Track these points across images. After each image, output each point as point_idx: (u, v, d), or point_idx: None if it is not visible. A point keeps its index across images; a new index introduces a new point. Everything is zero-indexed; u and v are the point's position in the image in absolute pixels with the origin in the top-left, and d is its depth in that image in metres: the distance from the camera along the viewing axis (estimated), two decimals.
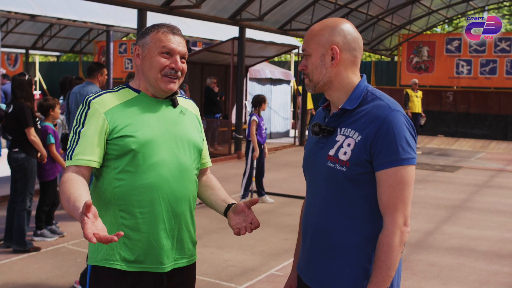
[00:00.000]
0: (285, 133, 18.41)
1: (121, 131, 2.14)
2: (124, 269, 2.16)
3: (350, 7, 14.94)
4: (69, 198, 1.97)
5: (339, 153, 2.01)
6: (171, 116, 2.29)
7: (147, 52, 2.23)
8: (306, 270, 2.16)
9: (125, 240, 2.15)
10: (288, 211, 7.82)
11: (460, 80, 18.85)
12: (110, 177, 2.16)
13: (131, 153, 2.14)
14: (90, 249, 2.24)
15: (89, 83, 6.98)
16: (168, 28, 2.25)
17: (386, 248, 1.93)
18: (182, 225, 2.26)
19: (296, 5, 13.55)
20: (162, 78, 2.21)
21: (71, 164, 2.12)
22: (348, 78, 2.08)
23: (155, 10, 9.93)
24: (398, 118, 1.96)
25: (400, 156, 1.93)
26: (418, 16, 18.10)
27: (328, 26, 2.07)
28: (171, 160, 2.20)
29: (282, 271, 5.32)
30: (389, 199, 1.95)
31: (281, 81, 17.68)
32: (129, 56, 23.77)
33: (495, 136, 18.37)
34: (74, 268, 5.21)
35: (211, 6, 11.33)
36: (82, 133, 2.13)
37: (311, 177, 2.18)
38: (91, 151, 2.12)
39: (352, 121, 2.03)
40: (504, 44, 18.04)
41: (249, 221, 2.26)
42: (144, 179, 2.15)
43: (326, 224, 2.07)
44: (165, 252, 2.20)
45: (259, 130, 8.21)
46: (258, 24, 13.10)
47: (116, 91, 2.26)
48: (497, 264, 5.70)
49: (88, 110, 2.16)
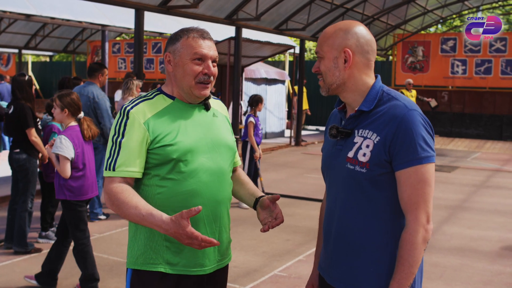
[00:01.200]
0: (280, 133, 18.41)
1: (162, 141, 2.17)
2: (168, 271, 2.21)
3: (346, 7, 14.95)
4: (137, 206, 2.07)
5: (358, 154, 2.03)
6: (206, 120, 2.32)
7: (178, 59, 2.24)
8: (330, 271, 2.18)
9: (168, 244, 2.20)
10: (288, 212, 7.80)
11: (455, 80, 18.91)
12: (151, 183, 2.21)
13: (172, 162, 2.17)
14: (129, 252, 2.29)
15: (89, 83, 6.96)
16: (198, 33, 2.26)
17: (409, 246, 1.96)
18: (221, 227, 2.32)
19: (292, 5, 13.54)
20: (196, 85, 2.23)
21: (115, 176, 2.15)
22: (362, 80, 2.10)
23: (152, 10, 9.90)
24: (415, 117, 1.98)
25: (419, 155, 1.96)
26: (414, 16, 18.14)
27: (341, 29, 2.10)
28: (210, 165, 2.25)
29: (286, 272, 5.30)
30: (410, 198, 1.98)
31: (276, 81, 17.68)
32: (123, 56, 23.68)
33: (490, 136, 18.44)
34: (77, 270, 5.15)
35: (208, 6, 11.30)
36: (123, 144, 2.15)
37: (331, 179, 2.21)
38: (133, 162, 2.15)
39: (369, 122, 2.06)
40: (499, 44, 18.10)
41: (274, 216, 2.34)
42: (185, 186, 2.19)
43: (349, 225, 2.10)
44: (207, 255, 2.26)
45: (256, 130, 8.21)
46: (254, 24, 13.08)
47: (151, 98, 2.28)
48: (499, 265, 5.71)
49: (128, 120, 2.17)
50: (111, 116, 6.96)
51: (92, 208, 6.92)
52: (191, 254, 2.21)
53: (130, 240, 2.30)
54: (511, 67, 18.02)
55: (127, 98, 7.82)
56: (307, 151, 14.84)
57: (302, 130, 16.96)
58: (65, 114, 4.57)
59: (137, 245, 2.25)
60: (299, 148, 15.57)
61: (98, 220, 6.94)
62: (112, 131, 2.20)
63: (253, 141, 8.01)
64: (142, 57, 9.54)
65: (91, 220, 6.90)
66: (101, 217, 6.98)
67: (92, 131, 4.69)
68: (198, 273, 2.24)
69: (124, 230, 6.59)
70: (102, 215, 7.01)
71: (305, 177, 10.84)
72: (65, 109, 4.55)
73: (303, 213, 7.70)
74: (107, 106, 6.90)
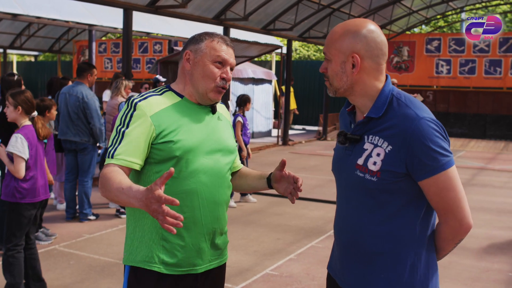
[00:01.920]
0: (267, 132, 18.45)
1: (166, 137, 2.17)
2: (163, 272, 2.21)
3: (333, 7, 15.03)
4: (120, 181, 1.99)
5: (368, 162, 1.99)
6: (211, 122, 2.34)
7: (200, 58, 2.26)
8: (341, 275, 2.18)
9: (164, 243, 2.21)
10: (277, 211, 7.85)
11: (439, 79, 19.08)
12: (151, 180, 2.20)
13: (174, 159, 2.17)
14: (127, 249, 2.28)
15: (78, 83, 6.94)
16: (222, 39, 2.30)
17: (441, 241, 2.06)
18: (218, 228, 2.32)
19: (280, 5, 13.58)
20: (214, 89, 2.27)
21: (112, 162, 2.12)
22: (371, 84, 2.03)
23: (140, 9, 9.88)
24: (427, 126, 1.92)
25: (440, 162, 1.92)
26: (399, 16, 18.27)
27: (350, 31, 2.01)
28: (211, 167, 2.26)
29: (277, 271, 5.34)
30: (438, 205, 1.99)
31: (263, 81, 17.72)
32: (109, 55, 23.56)
33: (474, 135, 18.64)
34: (68, 271, 5.17)
35: (196, 6, 11.30)
36: (127, 133, 2.15)
37: (341, 184, 2.18)
38: (134, 153, 2.14)
39: (379, 129, 2.00)
40: (483, 44, 18.30)
41: (291, 181, 2.31)
42: (185, 185, 2.19)
43: (359, 232, 2.07)
44: (201, 255, 2.27)
45: (244, 130, 8.24)
46: (242, 24, 13.11)
47: (159, 94, 2.28)
48: (487, 261, 5.80)
49: (134, 111, 2.17)
50: (101, 116, 6.95)
51: (82, 209, 6.90)
52: (185, 254, 2.22)
53: (128, 236, 2.30)
54: (494, 67, 18.22)
55: (115, 98, 7.83)
56: (295, 151, 14.90)
57: (289, 129, 17.00)
58: (18, 112, 4.41)
59: (135, 242, 2.25)
60: (286, 148, 15.63)
61: (88, 221, 6.93)
62: (117, 121, 2.20)
63: (240, 140, 8.04)
64: (130, 57, 9.53)
65: (80, 220, 6.89)
66: (90, 217, 6.97)
67: (46, 130, 4.53)
68: (190, 272, 2.25)
69: (115, 230, 6.59)
70: (92, 216, 7.00)
71: None
72: (18, 106, 4.39)
73: (293, 212, 7.74)
74: (97, 106, 6.89)
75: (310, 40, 16.95)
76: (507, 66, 18.06)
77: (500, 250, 6.21)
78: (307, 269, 5.40)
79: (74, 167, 6.98)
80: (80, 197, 6.91)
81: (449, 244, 2.06)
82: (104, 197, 2.17)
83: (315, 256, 5.84)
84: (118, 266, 5.31)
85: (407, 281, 2.02)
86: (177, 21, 16.91)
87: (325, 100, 18.15)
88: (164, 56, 21.70)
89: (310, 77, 22.70)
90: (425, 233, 2.04)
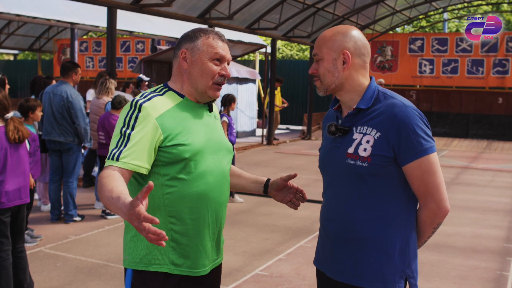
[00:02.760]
0: (252, 132, 18.42)
1: (174, 139, 2.14)
2: (172, 272, 2.19)
3: (317, 7, 15.04)
4: (112, 189, 1.92)
5: (359, 150, 2.12)
6: (210, 122, 2.34)
7: (197, 57, 2.23)
8: (330, 265, 2.26)
9: (174, 244, 2.19)
10: (264, 211, 7.82)
11: (422, 79, 19.21)
12: (159, 183, 2.16)
13: (184, 162, 2.15)
14: (130, 253, 2.22)
15: (63, 82, 6.83)
16: (217, 35, 2.27)
17: (420, 224, 2.21)
18: (221, 228, 2.34)
19: (264, 5, 13.56)
20: (212, 86, 2.24)
21: (116, 165, 2.05)
22: (358, 80, 2.20)
23: (125, 8, 9.78)
24: (413, 113, 2.10)
25: (424, 147, 2.08)
26: (383, 16, 18.35)
27: (339, 32, 2.20)
28: (216, 168, 2.26)
29: (267, 271, 5.31)
30: (419, 189, 2.12)
31: (247, 80, 17.67)
32: (90, 54, 23.38)
33: (457, 134, 18.80)
34: (55, 273, 5.08)
35: (180, 4, 11.22)
36: (132, 135, 2.08)
37: (330, 176, 2.28)
38: (141, 156, 2.08)
39: (367, 119, 2.15)
40: (465, 44, 18.47)
41: (294, 191, 2.43)
42: (195, 187, 2.18)
43: (350, 219, 2.18)
44: (207, 255, 2.26)
45: (230, 130, 8.20)
46: (227, 23, 13.06)
47: (161, 94, 2.25)
48: (474, 260, 5.82)
49: (139, 113, 2.11)
50: (86, 115, 6.85)
51: (67, 210, 6.80)
52: (195, 255, 2.21)
53: (131, 239, 2.23)
54: (476, 66, 18.40)
55: (102, 98, 7.74)
56: (280, 150, 14.89)
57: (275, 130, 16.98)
58: None
59: (141, 245, 2.20)
60: (271, 147, 15.61)
61: (73, 222, 6.83)
62: (120, 123, 2.13)
63: None
64: (115, 56, 9.44)
65: (66, 222, 6.79)
66: (76, 218, 6.87)
67: (21, 133, 4.27)
68: (200, 274, 2.24)
69: (101, 231, 6.50)
70: (77, 217, 6.90)
71: (280, 176, 10.82)
72: None
73: (281, 212, 7.72)
74: (81, 106, 6.79)
75: (294, 39, 16.95)
76: (489, 66, 18.25)
77: (487, 249, 6.25)
78: (297, 269, 5.38)
79: (59, 168, 6.87)
80: (65, 198, 6.80)
81: (428, 229, 2.20)
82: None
83: (304, 256, 5.82)
84: (106, 268, 5.23)
85: (396, 263, 2.14)
86: (160, 20, 16.80)
87: (309, 99, 18.17)
88: (146, 55, 21.58)
89: (294, 77, 22.72)
90: (411, 217, 2.18)
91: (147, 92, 2.23)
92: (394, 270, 2.13)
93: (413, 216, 2.19)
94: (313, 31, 16.50)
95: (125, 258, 2.25)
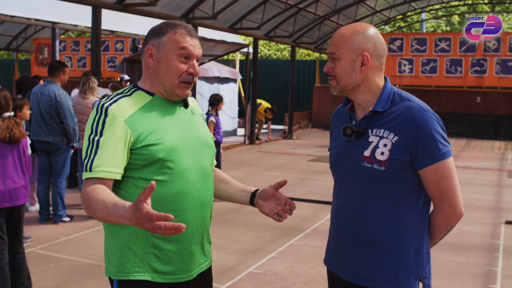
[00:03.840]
0: (233, 131, 18.45)
1: (146, 140, 2.03)
2: (156, 280, 2.08)
3: (299, 7, 15.11)
4: (104, 200, 1.87)
5: (376, 153, 2.10)
6: (186, 118, 2.21)
7: (163, 54, 2.10)
8: (343, 266, 2.24)
9: (156, 251, 2.08)
10: (253, 210, 7.78)
11: (402, 78, 19.42)
12: (136, 186, 2.06)
13: (158, 162, 2.04)
14: (112, 262, 2.11)
15: (50, 82, 6.78)
16: (185, 29, 2.12)
17: (432, 227, 2.20)
18: (205, 229, 2.24)
19: (247, 4, 13.59)
20: (179, 85, 2.12)
21: (91, 176, 1.97)
22: (375, 81, 2.17)
23: (109, 7, 9.72)
24: (431, 117, 2.09)
25: (441, 151, 2.07)
26: (363, 16, 18.52)
27: (358, 32, 2.13)
28: (195, 165, 2.14)
29: (261, 269, 5.34)
30: (434, 192, 2.12)
31: (229, 80, 17.70)
32: (69, 54, 23.14)
33: None
34: (49, 274, 5.04)
35: (164, 4, 11.19)
36: (101, 142, 1.99)
37: (344, 177, 2.25)
38: (113, 162, 1.99)
39: (384, 122, 2.13)
40: (444, 44, 18.73)
41: (282, 203, 2.27)
42: (173, 188, 2.07)
43: (364, 221, 2.16)
44: (192, 259, 2.16)
45: (217, 129, 8.24)
46: (209, 23, 13.05)
47: (129, 94, 2.13)
48: (463, 256, 5.93)
49: (106, 117, 2.01)
50: (74, 115, 6.81)
51: (56, 210, 6.75)
52: (179, 260, 2.11)
53: (110, 246, 2.12)
54: (455, 66, 18.68)
55: (88, 97, 7.69)
56: (262, 150, 14.93)
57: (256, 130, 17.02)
58: None
59: (120, 252, 2.09)
60: (253, 147, 15.64)
61: (63, 222, 6.78)
62: (88, 129, 2.03)
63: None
64: (100, 56, 9.37)
65: (55, 222, 6.74)
66: (65, 219, 6.82)
67: (13, 133, 4.21)
68: (186, 279, 2.14)
69: (91, 231, 6.47)
70: (66, 217, 6.85)
71: (265, 175, 10.91)
72: None
73: None
74: (70, 105, 6.74)
75: (276, 39, 17.01)
76: (467, 66, 18.54)
77: (474, 245, 6.37)
78: (291, 267, 5.42)
79: (47, 168, 6.81)
80: (54, 199, 6.75)
81: (441, 231, 2.20)
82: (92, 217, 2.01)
83: (296, 254, 5.87)
84: (100, 268, 5.21)
85: (411, 265, 2.14)
86: (141, 19, 16.70)
87: (290, 99, 18.25)
88: (126, 54, 21.44)
89: (274, 76, 22.80)
90: (425, 219, 2.18)
91: (113, 94, 2.12)
92: (409, 272, 2.13)
93: (426, 218, 2.18)
94: (294, 31, 16.58)
95: (107, 268, 2.14)
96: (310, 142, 17.44)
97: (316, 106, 20.63)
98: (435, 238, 2.23)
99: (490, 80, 18.44)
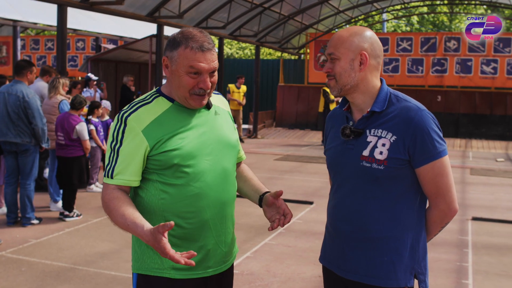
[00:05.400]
0: None
1: (162, 147, 2.13)
2: (174, 277, 2.18)
3: (264, 6, 15.14)
4: (123, 214, 2.05)
5: (375, 153, 2.17)
6: (208, 120, 2.25)
7: (175, 67, 2.15)
8: (341, 263, 2.28)
9: (174, 249, 2.09)
10: (239, 211, 7.81)
11: None
12: (154, 188, 2.17)
13: (173, 167, 2.14)
14: (135, 257, 2.26)
15: (17, 82, 6.64)
16: (198, 43, 2.12)
17: (429, 224, 2.27)
18: (227, 228, 2.28)
19: (213, 4, 13.53)
20: (192, 97, 2.17)
21: (112, 183, 2.15)
22: (372, 82, 2.23)
23: (75, 5, 9.53)
24: (428, 117, 2.17)
25: (438, 150, 2.15)
26: (326, 16, 18.67)
27: (356, 33, 2.22)
28: (215, 167, 2.20)
29: (237, 269, 5.32)
30: (430, 189, 2.19)
31: None
32: (28, 52, 22.67)
33: None
34: (21, 278, 4.92)
35: (130, 2, 11.03)
36: (121, 150, 2.14)
37: (342, 177, 2.29)
38: (131, 171, 2.14)
39: (381, 122, 2.19)
40: (406, 44, 19.07)
41: (281, 213, 2.33)
42: (190, 190, 2.15)
43: (364, 219, 2.21)
44: (212, 257, 2.23)
45: None
46: (175, 22, 12.94)
47: (149, 101, 2.22)
48: (435, 252, 6.05)
49: (125, 127, 2.14)
50: (43, 115, 6.66)
51: (24, 213, 6.59)
52: (196, 258, 2.15)
53: (135, 242, 2.26)
54: (416, 65, 19.04)
55: (54, 97, 7.55)
56: None
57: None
58: None
59: (142, 248, 2.22)
60: None
61: (31, 225, 6.62)
62: (110, 137, 2.17)
63: None
64: (65, 54, 9.19)
65: (23, 225, 6.58)
66: (34, 221, 6.66)
67: None
68: (203, 275, 2.22)
69: (62, 234, 6.35)
70: (35, 220, 6.69)
71: None
72: None
73: (241, 210, 7.73)
74: (38, 105, 6.60)
75: (241, 38, 17.01)
76: (428, 65, 18.92)
77: (445, 241, 6.50)
78: (267, 266, 5.43)
79: (15, 170, 6.65)
80: (22, 201, 6.59)
81: (436, 228, 2.28)
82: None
83: (271, 253, 5.88)
84: (74, 271, 5.12)
85: (407, 262, 2.20)
86: (104, 18, 16.43)
87: (255, 98, 18.29)
88: (87, 53, 21.12)
89: None
90: (421, 217, 2.25)
91: (135, 101, 2.21)
92: (405, 268, 2.20)
93: (423, 215, 2.25)
94: (259, 30, 16.60)
95: (132, 263, 2.29)
96: (275, 141, 17.51)
97: (280, 105, 20.71)
98: (430, 234, 2.31)
99: (451, 80, 18.87)
